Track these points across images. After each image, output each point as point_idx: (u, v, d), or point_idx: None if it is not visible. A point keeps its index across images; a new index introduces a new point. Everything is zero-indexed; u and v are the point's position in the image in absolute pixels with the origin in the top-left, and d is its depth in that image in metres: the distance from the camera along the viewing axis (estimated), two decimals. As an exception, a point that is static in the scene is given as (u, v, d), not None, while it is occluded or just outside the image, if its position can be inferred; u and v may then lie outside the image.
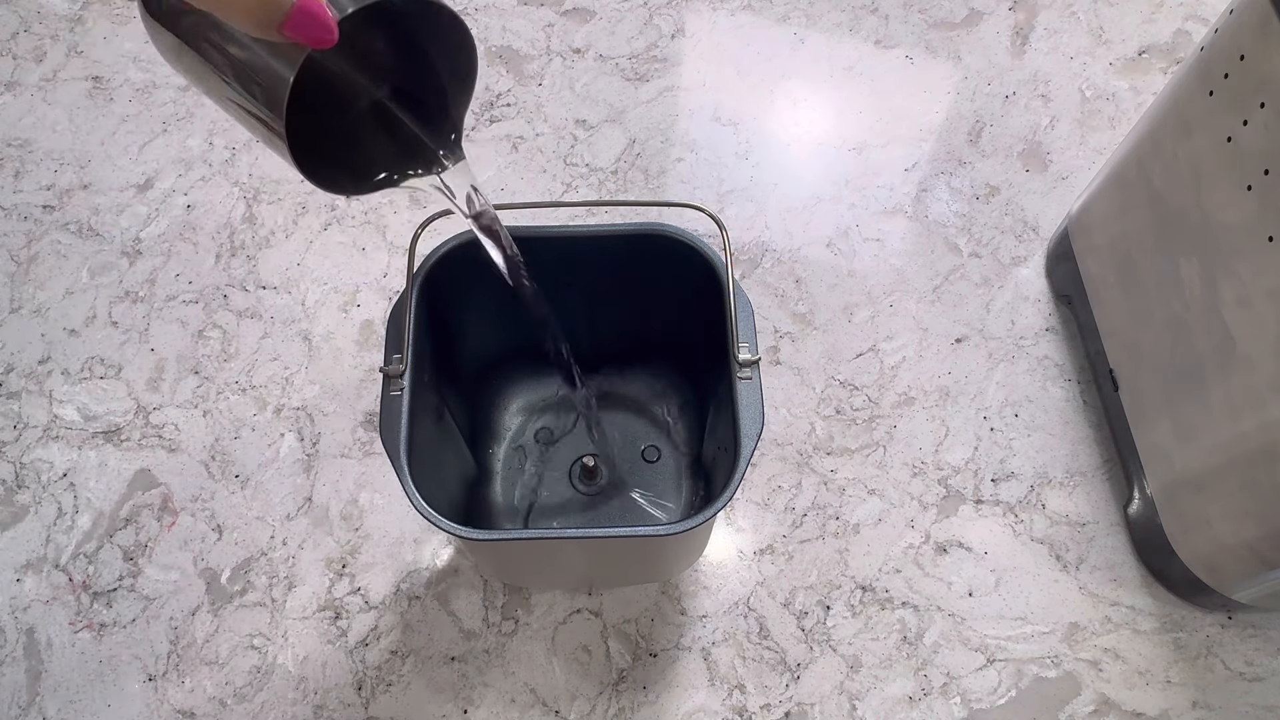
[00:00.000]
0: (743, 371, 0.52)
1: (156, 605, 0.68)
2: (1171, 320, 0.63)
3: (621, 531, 0.55)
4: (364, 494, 0.73)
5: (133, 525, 0.71)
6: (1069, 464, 0.74)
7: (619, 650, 0.67)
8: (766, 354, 0.79)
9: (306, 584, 0.69)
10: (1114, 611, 0.69)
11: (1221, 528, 0.60)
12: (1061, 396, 0.77)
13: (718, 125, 0.91)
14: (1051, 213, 0.86)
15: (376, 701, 0.65)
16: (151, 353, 0.79)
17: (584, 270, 0.61)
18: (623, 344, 0.70)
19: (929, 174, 0.89)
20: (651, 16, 0.98)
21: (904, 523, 0.72)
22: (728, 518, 0.72)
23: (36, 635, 0.67)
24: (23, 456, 0.74)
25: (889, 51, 0.96)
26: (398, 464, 0.50)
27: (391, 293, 0.81)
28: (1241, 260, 0.55)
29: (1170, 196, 0.63)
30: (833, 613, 0.69)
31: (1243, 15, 0.54)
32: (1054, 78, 0.94)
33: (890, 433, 0.76)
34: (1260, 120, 0.53)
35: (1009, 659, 0.67)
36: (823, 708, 0.66)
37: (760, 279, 0.83)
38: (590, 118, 0.91)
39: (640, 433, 0.72)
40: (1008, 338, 0.80)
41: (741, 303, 0.54)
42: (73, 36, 0.95)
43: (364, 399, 0.76)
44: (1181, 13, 0.98)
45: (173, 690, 0.66)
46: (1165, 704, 0.66)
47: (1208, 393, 0.60)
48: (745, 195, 0.87)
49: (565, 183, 0.88)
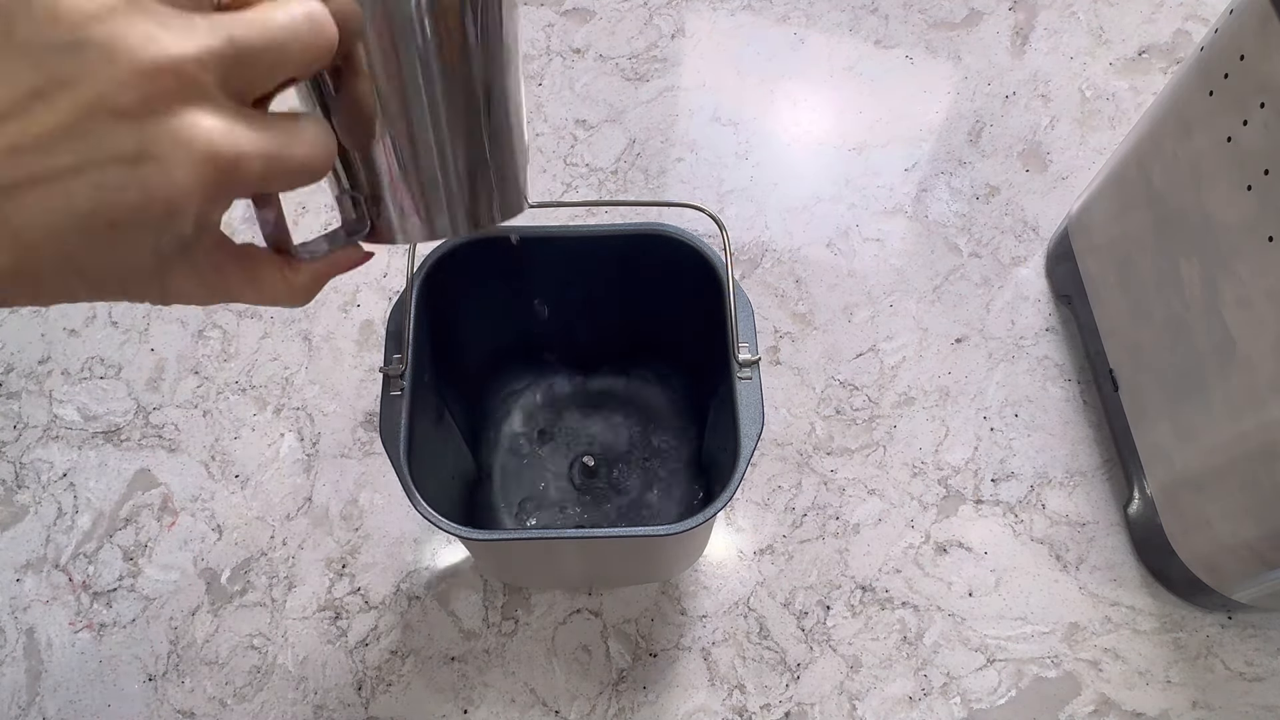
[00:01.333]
0: (743, 371, 0.52)
1: (156, 605, 0.68)
2: (1171, 320, 0.63)
3: (621, 531, 0.55)
4: (364, 494, 0.72)
5: (133, 525, 0.71)
6: (1069, 464, 0.74)
7: (619, 650, 0.67)
8: (766, 354, 0.79)
9: (306, 584, 0.69)
10: (1114, 611, 0.69)
11: (1221, 528, 0.60)
12: (1061, 396, 0.77)
13: (718, 125, 0.91)
14: (1051, 213, 0.86)
15: (376, 701, 0.65)
16: (151, 353, 0.79)
17: (584, 270, 0.61)
18: (623, 344, 0.70)
19: (929, 174, 0.89)
20: (651, 16, 0.98)
21: (904, 523, 0.72)
22: (728, 518, 0.72)
23: (36, 635, 0.67)
24: (23, 456, 0.74)
25: (889, 51, 0.96)
26: (398, 464, 0.50)
27: (391, 293, 0.81)
28: (1241, 260, 0.55)
29: (1170, 196, 0.63)
30: (833, 613, 0.69)
31: (1243, 15, 0.54)
32: (1054, 78, 0.94)
33: (890, 433, 0.76)
34: (1260, 120, 0.53)
35: (1009, 659, 0.67)
36: (823, 708, 0.66)
37: (760, 279, 0.83)
38: (590, 118, 0.91)
39: (640, 433, 0.72)
40: (1008, 338, 0.80)
41: (741, 303, 0.54)
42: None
43: (364, 399, 0.76)
44: (1181, 13, 0.98)
45: (173, 690, 0.66)
46: (1165, 704, 0.66)
47: (1208, 393, 0.60)
48: (745, 195, 0.87)
49: (565, 183, 0.88)
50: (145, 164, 0.21)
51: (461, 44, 0.30)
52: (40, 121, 0.20)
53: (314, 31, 0.24)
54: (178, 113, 0.21)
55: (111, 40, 0.20)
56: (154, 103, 0.21)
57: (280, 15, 0.24)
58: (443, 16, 0.29)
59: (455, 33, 0.29)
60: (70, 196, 0.21)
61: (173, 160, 0.21)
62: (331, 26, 0.25)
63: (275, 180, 0.24)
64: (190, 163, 0.22)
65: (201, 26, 0.22)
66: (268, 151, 0.23)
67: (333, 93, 0.30)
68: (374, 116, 0.30)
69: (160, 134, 0.21)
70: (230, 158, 0.22)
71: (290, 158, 0.24)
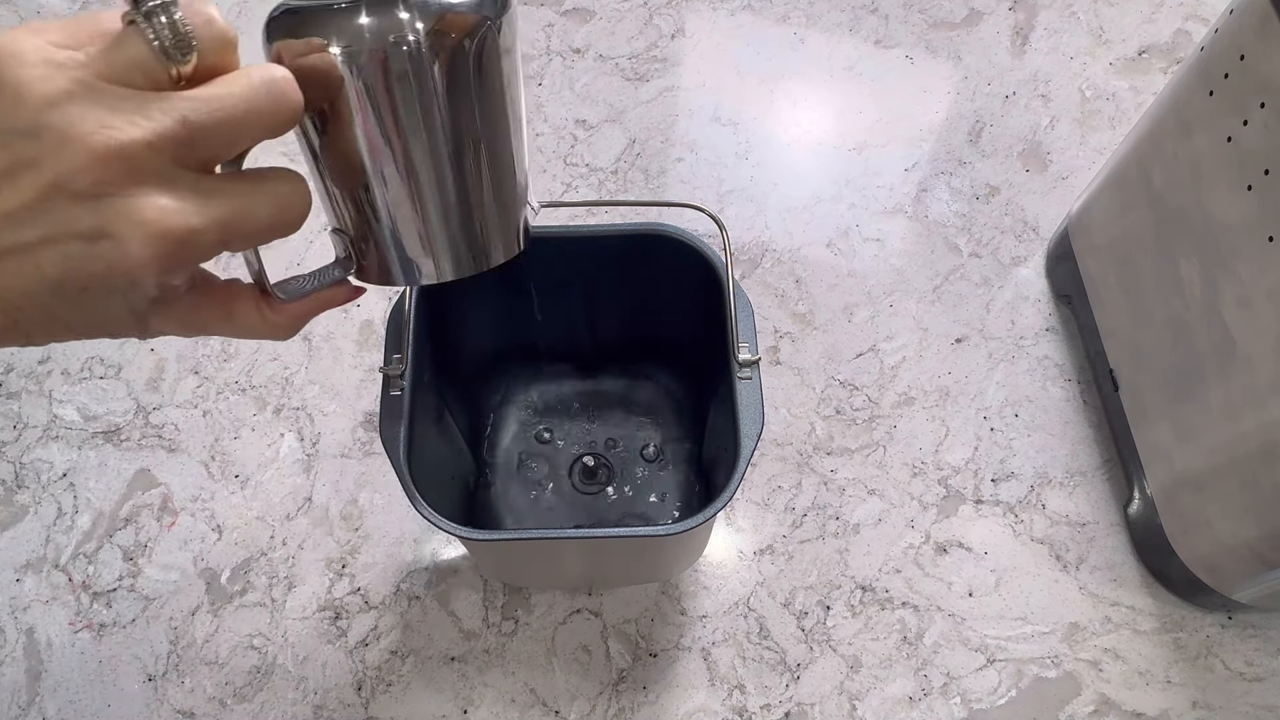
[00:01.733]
0: (743, 371, 0.52)
1: (156, 605, 0.68)
2: (1171, 320, 0.63)
3: (621, 531, 0.55)
4: (364, 494, 0.72)
5: (133, 525, 0.71)
6: (1069, 464, 0.74)
7: (619, 650, 0.67)
8: (766, 354, 0.79)
9: (306, 584, 0.69)
10: (1114, 611, 0.69)
11: (1221, 528, 0.60)
12: (1061, 396, 0.77)
13: (718, 125, 0.91)
14: (1051, 213, 0.86)
15: (376, 701, 0.65)
16: (151, 352, 0.79)
17: (584, 270, 0.61)
18: (623, 344, 0.70)
19: (929, 174, 0.89)
20: (651, 16, 0.98)
21: (904, 523, 0.72)
22: (728, 518, 0.72)
23: (36, 635, 0.67)
24: (23, 456, 0.74)
25: (889, 51, 0.96)
26: (398, 464, 0.50)
27: (391, 293, 0.81)
28: (1241, 260, 0.55)
29: (1170, 196, 0.63)
30: (833, 613, 0.69)
31: (1243, 15, 0.54)
32: (1054, 78, 0.94)
33: (890, 433, 0.76)
34: (1260, 120, 0.53)
35: (1009, 659, 0.67)
36: (823, 708, 0.66)
37: (760, 279, 0.83)
38: (590, 118, 0.91)
39: (640, 433, 0.72)
40: (1008, 338, 0.80)
41: (741, 303, 0.54)
42: (73, 36, 0.95)
43: (364, 399, 0.76)
44: (1181, 13, 0.98)
45: (173, 690, 0.66)
46: (1165, 704, 0.66)
47: (1208, 393, 0.60)
48: (745, 195, 0.87)
49: (565, 183, 0.88)
50: (103, 241, 0.23)
51: (444, 100, 0.29)
52: (7, 200, 0.22)
53: (274, 101, 0.25)
54: (130, 193, 0.23)
55: (66, 127, 0.22)
56: (106, 186, 0.22)
57: (236, 90, 0.24)
58: (418, 75, 0.28)
59: (434, 89, 0.28)
60: (41, 266, 0.23)
61: (127, 238, 0.23)
62: (294, 94, 0.25)
63: (236, 243, 0.25)
64: (143, 240, 0.23)
65: (155, 108, 0.23)
66: (223, 219, 0.24)
67: (319, 136, 0.30)
68: (360, 163, 0.29)
69: (114, 214, 0.22)
70: (181, 233, 0.23)
71: (250, 221, 0.25)
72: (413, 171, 0.30)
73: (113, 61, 0.23)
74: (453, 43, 0.28)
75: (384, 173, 0.30)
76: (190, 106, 0.23)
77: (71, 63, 0.22)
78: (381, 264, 0.33)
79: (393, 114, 0.28)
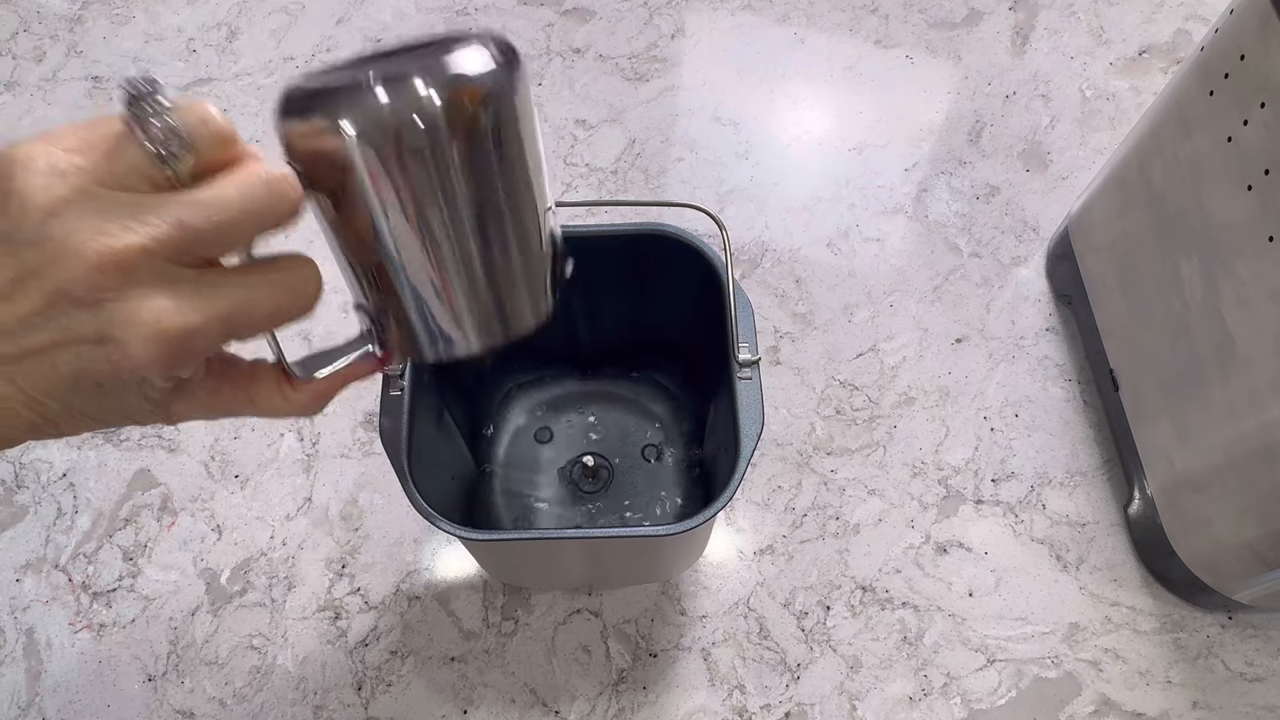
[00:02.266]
0: (743, 371, 0.52)
1: (156, 605, 0.68)
2: (1171, 320, 0.63)
3: (621, 531, 0.55)
4: (364, 494, 0.72)
5: (132, 525, 0.71)
6: (1069, 464, 0.74)
7: (619, 650, 0.67)
8: (766, 354, 0.79)
9: (306, 584, 0.69)
10: (1114, 612, 0.69)
11: (1221, 528, 0.60)
12: (1061, 396, 0.77)
13: (718, 125, 0.91)
14: (1051, 213, 0.86)
15: (376, 701, 0.65)
16: (151, 353, 0.79)
17: (584, 270, 0.60)
18: (623, 344, 0.70)
19: (929, 174, 0.89)
20: (651, 16, 0.98)
21: (904, 523, 0.72)
22: (728, 518, 0.72)
23: (36, 635, 0.67)
24: (22, 456, 0.74)
25: (889, 51, 0.96)
26: (398, 464, 0.50)
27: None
28: (1241, 260, 0.55)
29: (1170, 196, 0.63)
30: (833, 613, 0.69)
31: (1243, 15, 0.54)
32: (1054, 78, 0.94)
33: (890, 433, 0.76)
34: (1260, 120, 0.53)
35: (1009, 659, 0.67)
36: (823, 708, 0.66)
37: (760, 279, 0.83)
38: (590, 118, 0.91)
39: (640, 433, 0.72)
40: (1008, 338, 0.80)
41: (741, 303, 0.54)
42: (72, 36, 0.95)
43: (364, 399, 0.76)
44: (1181, 13, 0.98)
45: (172, 690, 0.66)
46: (1165, 704, 0.66)
47: (1208, 393, 0.59)
48: (745, 195, 0.87)
49: (565, 183, 0.88)
50: (106, 344, 0.23)
51: (462, 173, 0.28)
52: (19, 306, 0.23)
53: (273, 201, 0.25)
54: (127, 297, 0.23)
55: (65, 236, 0.22)
56: (103, 292, 0.23)
57: (233, 190, 0.24)
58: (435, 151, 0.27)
59: (451, 164, 0.27)
60: (56, 366, 0.24)
61: (127, 340, 0.23)
62: (293, 193, 0.26)
63: (243, 333, 0.26)
64: (142, 341, 0.23)
65: (150, 213, 0.23)
66: (224, 314, 0.25)
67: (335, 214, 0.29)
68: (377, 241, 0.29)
69: (113, 318, 0.23)
70: (178, 332, 0.24)
71: (255, 312, 0.26)
72: (433, 247, 0.29)
73: (113, 166, 0.23)
74: (467, 115, 0.27)
75: (403, 250, 0.29)
76: (187, 210, 0.24)
77: (74, 170, 0.23)
78: (406, 339, 0.32)
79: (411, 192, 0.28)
